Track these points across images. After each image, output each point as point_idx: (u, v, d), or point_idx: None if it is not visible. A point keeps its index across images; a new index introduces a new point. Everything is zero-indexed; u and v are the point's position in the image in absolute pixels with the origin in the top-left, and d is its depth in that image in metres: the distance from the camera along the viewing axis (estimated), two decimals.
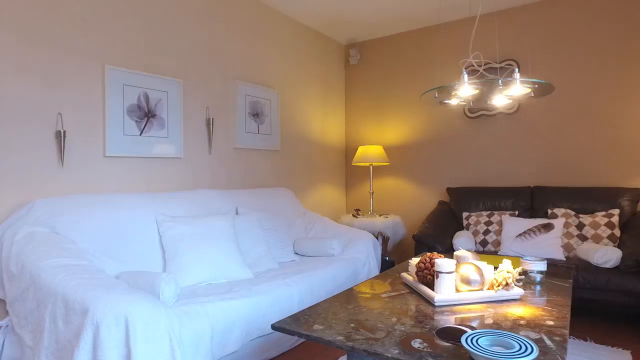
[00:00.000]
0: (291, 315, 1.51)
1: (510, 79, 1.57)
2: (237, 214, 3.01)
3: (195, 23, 3.09)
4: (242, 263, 2.53)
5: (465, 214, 3.66)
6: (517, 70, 1.56)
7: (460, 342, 1.21)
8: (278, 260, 2.94)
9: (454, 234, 3.46)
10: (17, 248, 1.94)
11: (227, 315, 1.94)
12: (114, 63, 2.59)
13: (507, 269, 1.65)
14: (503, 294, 1.61)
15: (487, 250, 3.31)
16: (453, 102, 1.80)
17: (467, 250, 3.15)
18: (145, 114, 2.72)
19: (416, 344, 1.23)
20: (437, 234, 3.37)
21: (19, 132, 2.19)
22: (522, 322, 1.40)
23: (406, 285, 1.91)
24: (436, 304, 1.60)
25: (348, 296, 1.76)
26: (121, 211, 2.37)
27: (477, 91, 1.62)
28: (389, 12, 3.99)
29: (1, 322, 1.96)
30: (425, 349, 1.19)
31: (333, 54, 4.71)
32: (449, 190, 3.99)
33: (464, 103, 1.90)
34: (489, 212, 3.54)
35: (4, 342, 1.96)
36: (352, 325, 1.40)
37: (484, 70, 3.94)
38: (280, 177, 3.89)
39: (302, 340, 2.53)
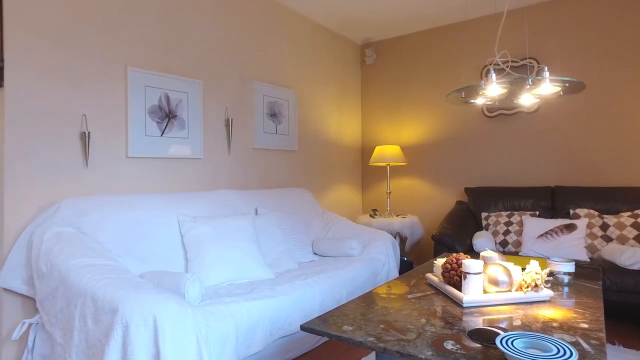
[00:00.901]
0: (319, 316, 1.50)
1: (539, 77, 1.55)
2: (256, 214, 3.02)
3: (214, 24, 3.11)
4: (263, 263, 2.53)
5: (484, 214, 3.62)
6: (546, 68, 1.54)
7: (493, 344, 1.19)
8: (297, 260, 2.94)
9: (473, 234, 3.43)
10: (45, 247, 1.97)
11: (251, 316, 1.95)
12: (136, 65, 2.61)
13: (535, 270, 1.62)
14: (532, 295, 1.59)
15: (508, 250, 3.27)
16: (479, 101, 1.78)
17: (490, 250, 3.13)
18: (166, 115, 2.74)
19: (448, 345, 1.22)
20: (456, 234, 3.34)
21: (46, 133, 2.22)
22: (554, 324, 1.38)
23: (431, 286, 1.90)
24: (464, 305, 1.58)
25: (374, 297, 1.75)
26: (144, 211, 2.39)
27: (505, 90, 1.60)
28: (406, 12, 3.96)
29: (32, 319, 1.99)
30: (458, 351, 1.18)
31: (349, 53, 4.70)
32: (467, 190, 3.96)
33: (490, 102, 1.88)
34: (508, 212, 3.50)
35: (35, 338, 1.99)
36: (382, 326, 1.39)
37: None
38: (297, 177, 3.89)
39: (324, 340, 2.52)
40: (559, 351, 1.05)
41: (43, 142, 2.21)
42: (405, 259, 3.93)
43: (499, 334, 1.26)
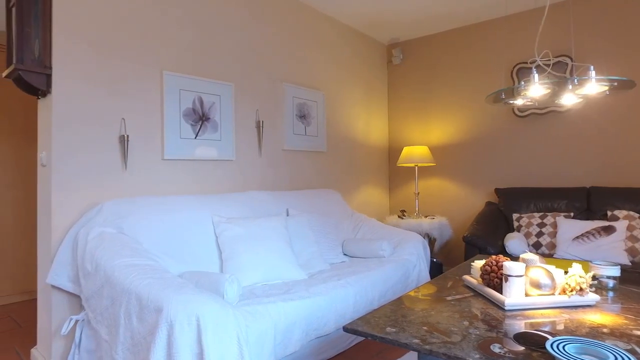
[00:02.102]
0: (361, 317, 1.51)
1: (585, 77, 1.51)
2: (287, 215, 3.05)
3: (244, 28, 3.15)
4: (296, 264, 2.56)
5: (515, 216, 3.56)
6: (592, 67, 1.50)
7: (541, 348, 1.18)
8: (329, 261, 2.96)
9: (505, 235, 3.38)
10: (90, 247, 2.04)
11: (288, 316, 1.97)
12: (171, 69, 2.68)
13: (579, 274, 1.59)
14: (577, 299, 1.56)
15: (541, 253, 3.20)
16: (518, 102, 1.76)
17: (523, 252, 3.07)
18: (199, 118, 2.80)
19: (496, 348, 1.21)
20: (487, 235, 3.29)
21: (89, 137, 2.30)
22: (604, 330, 1.35)
23: (469, 288, 1.88)
24: (506, 308, 1.56)
25: (412, 299, 1.74)
26: (180, 213, 2.45)
27: (548, 91, 1.57)
28: (434, 11, 3.93)
29: (78, 316, 2.06)
30: (506, 355, 1.17)
31: (375, 54, 4.69)
32: (497, 190, 3.90)
33: (530, 103, 1.85)
34: (541, 213, 3.43)
35: (81, 334, 2.07)
36: (425, 328, 1.39)
37: (535, 66, 3.83)
38: (325, 178, 3.91)
39: (357, 341, 2.53)
40: (616, 358, 1.03)
41: (86, 145, 2.29)
42: (435, 260, 3.90)
43: (547, 338, 1.25)
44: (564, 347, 1.10)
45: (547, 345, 1.10)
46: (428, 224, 3.97)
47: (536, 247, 3.24)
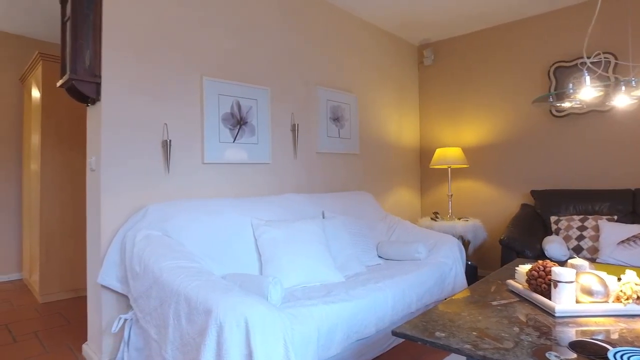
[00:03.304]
0: (408, 322, 1.52)
1: None
2: (323, 217, 3.07)
3: (279, 32, 3.20)
4: (333, 266, 2.58)
5: (553, 218, 3.48)
6: None
7: (601, 358, 1.16)
8: (364, 263, 2.96)
9: (542, 238, 3.30)
10: (138, 249, 2.11)
11: (330, 319, 1.99)
12: (210, 74, 2.74)
13: (634, 281, 1.55)
14: (633, 308, 1.51)
15: (582, 257, 3.12)
16: (566, 104, 1.73)
17: (564, 256, 3.00)
18: (237, 122, 2.86)
19: (552, 356, 1.20)
20: (524, 238, 3.23)
21: (134, 142, 2.39)
22: None
23: (513, 293, 1.86)
24: (557, 315, 1.54)
25: (457, 303, 1.74)
26: (220, 215, 2.50)
27: (601, 93, 1.53)
28: (466, 11, 3.89)
29: (126, 315, 2.15)
30: None
31: (406, 55, 4.67)
32: (533, 192, 3.82)
33: (579, 105, 1.81)
34: (581, 216, 3.33)
35: (129, 332, 2.15)
36: (475, 333, 1.39)
37: (572, 65, 3.73)
38: (358, 180, 3.91)
39: (396, 343, 2.53)
40: None
41: (132, 150, 2.38)
42: (469, 262, 3.85)
43: (606, 348, 1.22)
44: (628, 358, 1.08)
45: (610, 356, 1.08)
46: (462, 226, 3.92)
47: (577, 251, 3.15)
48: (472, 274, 3.75)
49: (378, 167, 4.18)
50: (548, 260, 1.74)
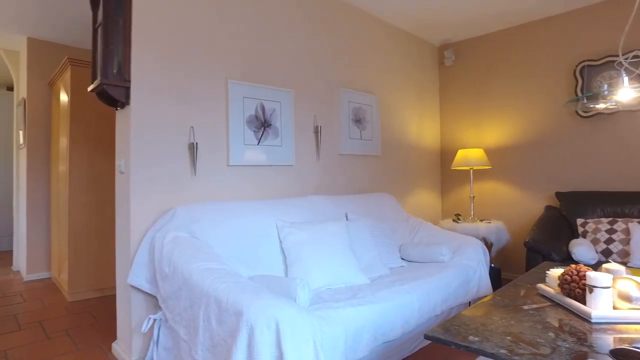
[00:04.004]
0: (440, 325, 1.51)
1: None
2: (347, 219, 3.08)
3: (302, 35, 3.22)
4: (358, 268, 2.58)
5: (580, 221, 3.41)
6: None
7: None
8: (388, 265, 2.95)
9: (569, 241, 3.24)
10: (167, 251, 2.15)
11: (357, 321, 1.99)
12: (235, 77, 2.77)
13: None
14: None
15: (612, 260, 3.05)
16: (600, 105, 1.69)
17: (592, 259, 2.94)
18: (262, 124, 2.88)
19: None
20: (550, 241, 3.17)
21: (161, 145, 2.43)
22: None
23: (545, 297, 1.83)
24: (593, 321, 1.51)
25: (487, 307, 1.72)
26: (246, 218, 2.53)
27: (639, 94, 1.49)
28: (488, 10, 3.84)
29: (155, 315, 2.18)
30: None
31: (427, 56, 4.64)
32: (558, 194, 3.75)
33: (615, 106, 1.77)
34: (610, 218, 3.26)
35: (159, 332, 2.18)
36: (509, 338, 1.37)
37: (600, 64, 3.65)
38: (380, 182, 3.91)
39: (422, 346, 2.52)
40: None
41: (159, 153, 2.42)
42: (493, 265, 3.80)
43: None
44: None
45: None
46: (485, 228, 3.88)
47: (605, 254, 3.09)
48: (496, 277, 3.70)
49: (399, 169, 4.16)
50: (581, 265, 1.71)
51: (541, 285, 1.88)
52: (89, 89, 2.39)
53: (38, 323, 3.04)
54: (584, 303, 1.60)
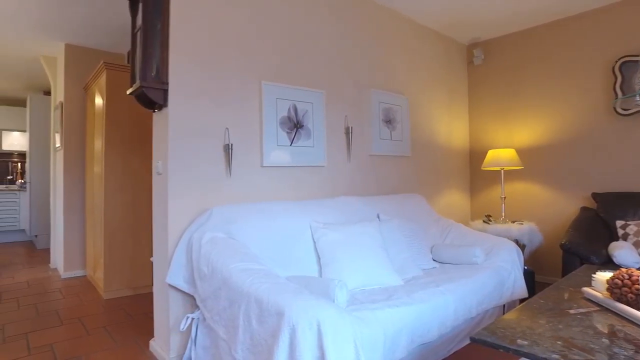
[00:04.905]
0: (485, 327, 1.49)
1: None
2: (379, 220, 3.06)
3: (332, 36, 3.22)
4: (392, 269, 2.56)
5: (619, 223, 3.30)
6: None
7: None
8: (420, 266, 2.93)
9: (608, 244, 3.14)
10: (205, 251, 2.18)
11: (395, 322, 1.98)
12: (268, 79, 2.80)
13: None
14: None
15: None
16: None
17: (637, 263, 2.84)
18: (294, 125, 2.90)
19: None
20: (588, 243, 3.08)
21: (198, 146, 2.47)
22: None
23: (591, 301, 1.78)
24: None
25: (531, 310, 1.68)
26: (280, 218, 2.54)
27: None
28: (519, 7, 3.76)
29: (193, 314, 2.22)
30: None
31: (455, 55, 4.58)
32: (595, 195, 3.64)
33: None
34: None
35: (196, 331, 2.22)
36: (560, 343, 1.34)
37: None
38: (409, 182, 3.87)
39: (458, 348, 2.49)
40: None
41: (196, 154, 2.46)
42: (526, 268, 3.72)
43: None
44: None
45: None
46: (517, 230, 3.80)
47: None
48: (530, 280, 3.62)
49: (428, 170, 4.12)
50: (633, 269, 1.65)
51: (587, 289, 1.83)
52: (128, 91, 2.45)
53: (77, 319, 3.14)
54: (638, 309, 1.54)
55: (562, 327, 1.48)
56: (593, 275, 1.86)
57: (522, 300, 3.29)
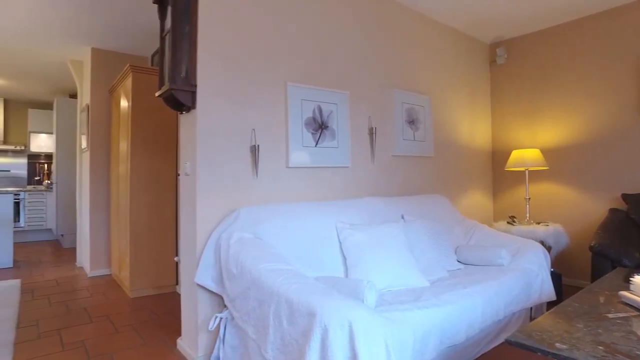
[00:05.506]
0: (520, 330, 1.47)
1: None
2: (403, 221, 3.05)
3: (355, 36, 3.22)
4: (417, 270, 2.55)
5: None
6: None
7: None
8: (445, 268, 2.90)
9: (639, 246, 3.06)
10: (233, 251, 2.21)
11: (424, 324, 1.97)
12: (293, 80, 2.81)
13: None
14: None
15: None
16: None
17: None
18: (319, 126, 2.90)
19: None
20: (619, 245, 3.01)
21: (225, 147, 2.49)
22: None
23: (630, 305, 1.74)
24: None
25: (566, 313, 1.65)
26: (306, 219, 2.55)
27: None
28: (544, 4, 3.69)
29: (222, 314, 2.25)
30: None
31: (477, 54, 4.53)
32: (626, 196, 3.55)
33: None
34: None
35: (225, 330, 2.24)
36: (601, 348, 1.31)
37: None
38: (432, 183, 3.85)
39: (484, 351, 2.46)
40: None
41: (224, 155, 2.49)
42: (553, 270, 3.66)
43: None
44: None
45: None
46: (542, 231, 3.73)
47: None
48: (557, 282, 3.55)
49: (451, 170, 4.08)
50: None
51: (624, 293, 1.79)
52: (157, 94, 2.49)
53: (105, 317, 3.20)
54: None
55: (602, 332, 1.45)
56: (631, 278, 1.82)
57: (549, 303, 3.23)
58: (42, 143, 7.54)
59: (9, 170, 6.51)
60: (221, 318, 2.27)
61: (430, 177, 3.83)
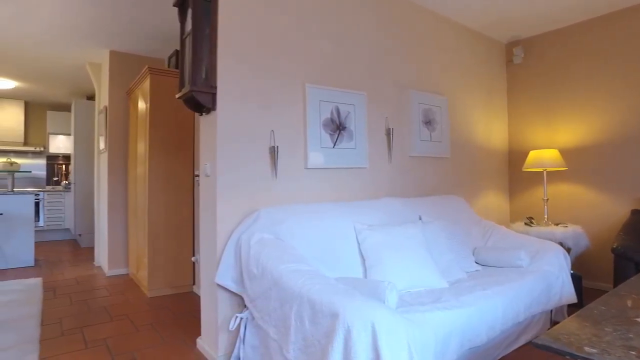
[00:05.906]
0: (547, 333, 1.45)
1: None
2: (421, 222, 3.03)
3: (373, 37, 3.22)
4: (436, 272, 2.54)
5: None
6: None
7: None
8: (464, 269, 2.88)
9: None
10: (254, 252, 2.22)
11: (445, 325, 1.96)
12: (311, 81, 2.82)
13: None
14: None
15: None
16: None
17: None
18: (337, 127, 2.91)
19: None
20: None
21: (245, 148, 2.51)
22: None
23: None
24: None
25: (593, 317, 1.63)
26: (325, 220, 2.56)
27: None
28: (562, 2, 3.64)
29: (242, 314, 2.26)
30: None
31: (494, 54, 4.49)
32: None
33: None
34: None
35: (245, 330, 2.26)
36: (633, 353, 1.29)
37: None
38: (448, 184, 3.82)
39: (505, 354, 2.44)
40: None
41: (243, 156, 2.50)
42: (572, 272, 3.61)
43: None
44: None
45: None
46: (561, 233, 3.69)
47: None
48: (577, 285, 3.51)
49: (467, 171, 4.05)
50: None
51: None
52: (177, 95, 2.52)
53: (125, 316, 3.25)
54: None
55: (633, 337, 1.43)
56: None
57: (570, 306, 3.19)
58: (60, 144, 7.68)
59: (30, 172, 6.65)
60: (241, 318, 2.29)
61: (447, 177, 3.81)
